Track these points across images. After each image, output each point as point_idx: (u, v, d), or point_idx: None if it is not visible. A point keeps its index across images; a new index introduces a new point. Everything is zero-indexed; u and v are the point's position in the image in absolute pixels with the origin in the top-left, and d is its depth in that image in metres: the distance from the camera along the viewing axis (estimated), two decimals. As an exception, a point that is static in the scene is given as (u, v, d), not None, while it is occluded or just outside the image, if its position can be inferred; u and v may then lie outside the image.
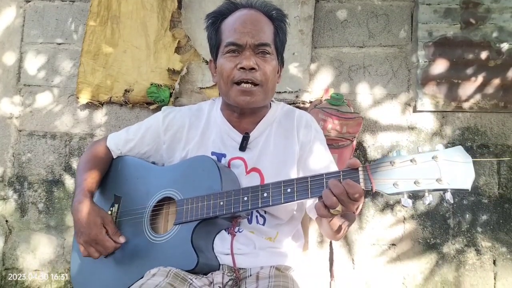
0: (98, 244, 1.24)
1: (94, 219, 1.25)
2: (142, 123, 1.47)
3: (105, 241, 1.24)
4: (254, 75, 1.24)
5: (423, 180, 0.91)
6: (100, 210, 1.29)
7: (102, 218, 1.26)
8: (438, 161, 0.91)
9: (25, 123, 2.79)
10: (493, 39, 2.46)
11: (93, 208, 1.28)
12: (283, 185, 1.08)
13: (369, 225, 2.53)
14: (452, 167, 0.91)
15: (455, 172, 0.90)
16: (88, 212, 1.26)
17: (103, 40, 2.67)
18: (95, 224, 1.24)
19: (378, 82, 2.57)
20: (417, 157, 0.93)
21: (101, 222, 1.25)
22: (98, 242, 1.24)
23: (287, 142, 1.34)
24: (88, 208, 1.27)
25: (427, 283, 2.47)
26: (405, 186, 0.93)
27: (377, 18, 2.60)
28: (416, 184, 0.92)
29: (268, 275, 1.21)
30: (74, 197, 1.33)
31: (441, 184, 0.90)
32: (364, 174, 0.97)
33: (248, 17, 1.27)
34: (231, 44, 1.25)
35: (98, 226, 1.24)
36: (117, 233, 1.27)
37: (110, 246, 1.24)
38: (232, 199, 1.14)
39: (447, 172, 0.90)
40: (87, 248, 1.25)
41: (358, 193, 0.96)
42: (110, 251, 1.25)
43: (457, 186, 0.90)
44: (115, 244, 1.25)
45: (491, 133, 2.49)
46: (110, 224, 1.27)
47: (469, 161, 0.91)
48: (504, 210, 2.46)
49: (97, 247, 1.24)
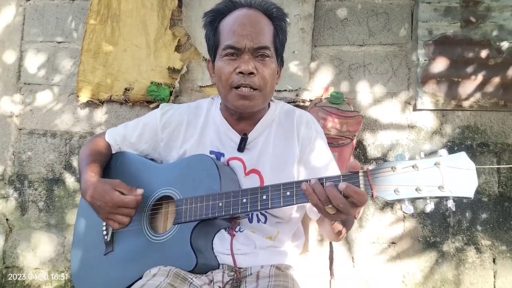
0: (119, 207, 1.20)
1: (103, 188, 1.23)
2: (140, 120, 1.46)
3: (123, 200, 1.20)
4: (252, 80, 1.21)
5: (424, 187, 0.89)
6: (106, 179, 1.28)
7: (111, 184, 1.24)
8: (441, 167, 0.89)
9: (25, 121, 2.79)
10: (493, 37, 2.46)
11: (99, 180, 1.26)
12: (283, 188, 1.07)
13: (369, 223, 2.53)
14: (455, 174, 0.88)
15: (457, 179, 0.88)
16: (96, 186, 1.24)
17: (103, 39, 2.67)
18: (105, 191, 1.22)
19: (378, 80, 2.57)
20: (419, 163, 0.91)
21: (111, 187, 1.23)
22: (117, 205, 1.20)
23: (287, 143, 1.33)
24: (96, 183, 1.25)
25: (427, 281, 2.48)
26: (406, 193, 0.91)
27: (377, 17, 2.59)
28: (418, 191, 0.90)
29: (268, 274, 1.21)
30: (80, 185, 1.32)
31: (443, 192, 0.88)
32: (365, 179, 0.95)
33: (247, 18, 1.24)
34: (229, 47, 1.22)
35: (110, 191, 1.21)
36: (132, 188, 1.24)
37: (130, 201, 1.20)
38: (231, 201, 1.14)
39: (450, 180, 0.88)
40: (112, 217, 1.22)
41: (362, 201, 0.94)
42: (133, 205, 1.21)
43: (459, 194, 0.88)
44: (135, 197, 1.21)
45: (491, 132, 2.49)
46: (121, 185, 1.24)
47: (472, 168, 0.88)
48: (504, 209, 2.46)
49: (120, 211, 1.21)
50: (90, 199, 1.25)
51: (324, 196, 0.97)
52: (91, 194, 1.24)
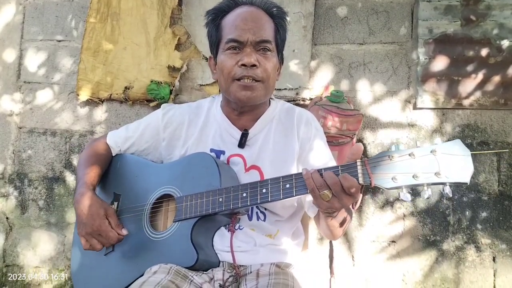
0: (101, 235, 1.23)
1: (97, 211, 1.24)
2: (141, 121, 1.48)
3: (108, 232, 1.23)
4: (255, 72, 1.24)
5: (421, 174, 0.91)
6: (103, 202, 1.29)
7: (105, 210, 1.26)
8: (437, 154, 0.91)
9: (25, 120, 2.79)
10: (494, 36, 2.46)
11: (96, 200, 1.27)
12: (282, 180, 1.08)
13: (369, 222, 2.53)
14: (451, 161, 0.91)
15: (453, 165, 0.90)
16: (91, 204, 1.25)
17: (103, 37, 2.67)
18: (98, 215, 1.24)
19: (378, 79, 2.57)
20: (416, 151, 0.93)
21: (104, 213, 1.25)
22: (101, 233, 1.23)
23: (287, 140, 1.34)
24: (91, 200, 1.26)
25: (427, 280, 2.48)
26: (404, 180, 0.93)
27: (377, 15, 2.59)
28: (415, 178, 0.92)
29: (268, 272, 1.21)
30: (75, 191, 1.32)
31: (440, 178, 0.90)
32: (363, 168, 0.97)
33: (249, 14, 1.27)
34: (232, 41, 1.25)
35: (101, 217, 1.24)
36: (119, 225, 1.27)
37: (113, 237, 1.23)
38: (231, 195, 1.15)
39: (446, 166, 0.90)
40: (89, 240, 1.24)
41: (354, 186, 0.96)
42: (113, 242, 1.25)
43: (455, 179, 0.90)
44: (118, 236, 1.24)
45: (491, 130, 2.49)
46: (113, 216, 1.27)
47: (468, 154, 0.90)
48: (504, 207, 2.46)
49: (100, 239, 1.24)
50: (79, 212, 1.26)
51: (321, 180, 0.99)
52: (83, 209, 1.25)
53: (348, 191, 0.97)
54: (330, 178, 0.98)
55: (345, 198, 0.98)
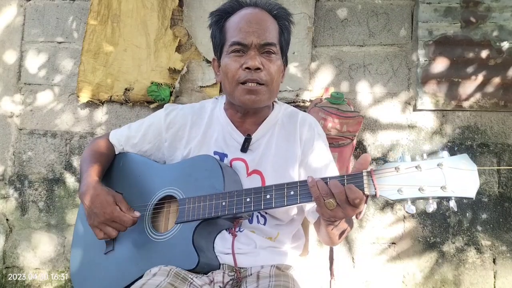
0: (114, 221, 1.22)
1: (106, 198, 1.24)
2: (144, 120, 1.47)
3: (121, 216, 1.22)
4: (259, 75, 1.23)
5: (427, 187, 0.91)
6: (110, 190, 1.28)
7: (113, 197, 1.25)
8: (443, 168, 0.91)
9: (25, 121, 2.79)
10: (494, 38, 2.46)
11: (103, 188, 1.27)
12: (286, 187, 1.08)
13: (369, 223, 2.53)
14: (457, 175, 0.90)
15: (460, 180, 0.90)
16: (99, 193, 1.25)
17: (103, 39, 2.67)
18: (108, 202, 1.23)
19: (378, 81, 2.57)
20: (422, 163, 0.92)
21: (113, 200, 1.24)
22: (114, 219, 1.22)
23: (289, 145, 1.34)
24: (98, 190, 1.26)
25: (427, 281, 2.48)
26: (410, 192, 0.92)
27: (377, 17, 2.60)
28: (421, 191, 0.91)
29: (268, 274, 1.21)
30: (80, 184, 1.32)
31: (446, 192, 0.90)
32: (368, 179, 0.96)
33: (253, 16, 1.26)
34: (236, 44, 1.24)
35: (112, 204, 1.23)
36: (131, 208, 1.27)
37: (128, 220, 1.23)
38: (234, 200, 1.14)
39: (452, 180, 0.90)
40: (103, 228, 1.23)
41: (359, 198, 0.95)
42: (129, 225, 1.23)
43: (461, 194, 0.89)
44: (133, 218, 1.24)
45: (491, 132, 2.49)
46: (123, 202, 1.26)
47: (474, 169, 0.90)
48: (504, 209, 2.46)
49: (114, 225, 1.23)
50: (88, 203, 1.25)
51: (326, 188, 0.99)
52: (91, 199, 1.24)
53: (353, 202, 0.96)
54: (335, 187, 0.98)
55: (349, 208, 0.98)
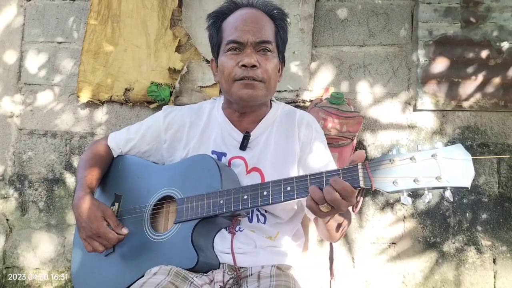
0: (100, 237, 1.23)
1: (94, 213, 1.24)
2: (143, 122, 1.48)
3: (107, 233, 1.23)
4: (255, 73, 1.24)
5: (422, 178, 0.91)
6: (100, 204, 1.29)
7: (103, 212, 1.26)
8: (438, 159, 0.91)
9: (25, 121, 2.79)
10: (494, 38, 2.46)
11: (93, 202, 1.27)
12: (283, 183, 1.09)
13: (369, 223, 2.53)
14: (452, 165, 0.90)
15: (454, 170, 0.90)
16: (89, 207, 1.26)
17: (103, 39, 2.67)
18: (96, 218, 1.24)
19: (378, 81, 2.57)
20: (417, 155, 0.93)
21: (101, 215, 1.25)
22: (100, 235, 1.23)
23: (288, 142, 1.34)
24: (88, 203, 1.27)
25: (427, 281, 2.48)
26: (405, 184, 0.93)
27: (377, 17, 2.60)
28: (416, 182, 0.92)
29: (269, 274, 1.21)
30: (74, 194, 1.33)
31: (441, 182, 0.90)
32: (364, 172, 0.97)
33: (249, 16, 1.28)
34: (232, 42, 1.26)
35: (99, 220, 1.24)
36: (119, 225, 1.27)
37: (113, 238, 1.23)
38: (232, 198, 1.15)
39: (447, 170, 0.90)
40: (90, 242, 1.24)
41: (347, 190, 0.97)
42: (114, 242, 1.24)
43: (456, 184, 0.90)
44: (118, 236, 1.24)
45: (491, 132, 2.49)
46: (112, 217, 1.27)
47: (469, 159, 0.90)
48: (504, 209, 2.46)
49: (101, 241, 1.24)
50: (77, 216, 1.27)
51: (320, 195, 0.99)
52: (81, 212, 1.25)
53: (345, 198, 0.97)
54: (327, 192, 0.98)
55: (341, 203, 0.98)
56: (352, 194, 0.97)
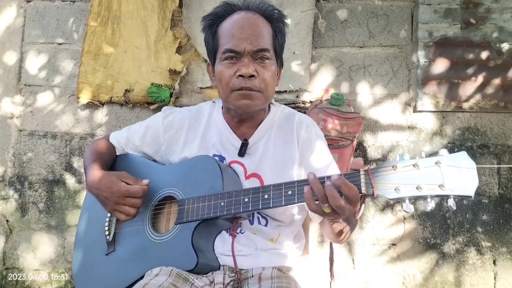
0: (125, 197, 1.21)
1: (109, 179, 1.25)
2: (143, 123, 1.47)
3: (129, 189, 1.21)
4: (253, 83, 1.21)
5: (425, 185, 0.89)
6: (112, 172, 1.29)
7: (117, 175, 1.26)
8: (441, 166, 0.89)
9: (25, 123, 2.79)
10: (493, 39, 2.46)
11: (105, 173, 1.29)
12: (284, 187, 1.08)
13: (369, 224, 2.53)
14: (456, 173, 0.88)
15: (458, 178, 0.88)
16: (102, 178, 1.26)
17: (103, 40, 2.67)
18: (112, 182, 1.23)
19: (378, 82, 2.57)
20: (420, 162, 0.91)
21: (117, 178, 1.24)
22: (124, 195, 1.21)
23: (287, 147, 1.33)
24: (101, 176, 1.27)
25: (427, 282, 2.48)
26: (407, 191, 0.91)
27: (377, 18, 2.60)
28: (418, 189, 0.90)
29: (270, 276, 1.21)
30: (86, 179, 1.34)
31: (444, 190, 0.88)
32: (366, 178, 0.96)
33: (245, 22, 1.24)
34: (229, 51, 1.22)
35: (116, 182, 1.23)
36: (138, 179, 1.26)
37: (137, 191, 1.21)
38: (233, 200, 1.14)
39: (450, 178, 0.88)
40: (120, 209, 1.22)
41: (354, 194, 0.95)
42: (140, 195, 1.22)
43: (460, 192, 0.88)
44: (142, 187, 1.23)
45: (491, 133, 2.49)
46: (128, 176, 1.26)
47: (473, 167, 0.88)
48: (504, 210, 2.46)
49: (127, 201, 1.22)
50: (96, 191, 1.27)
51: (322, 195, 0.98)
52: (97, 186, 1.26)
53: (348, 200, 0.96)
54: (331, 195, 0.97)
55: (345, 206, 0.97)
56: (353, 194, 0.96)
